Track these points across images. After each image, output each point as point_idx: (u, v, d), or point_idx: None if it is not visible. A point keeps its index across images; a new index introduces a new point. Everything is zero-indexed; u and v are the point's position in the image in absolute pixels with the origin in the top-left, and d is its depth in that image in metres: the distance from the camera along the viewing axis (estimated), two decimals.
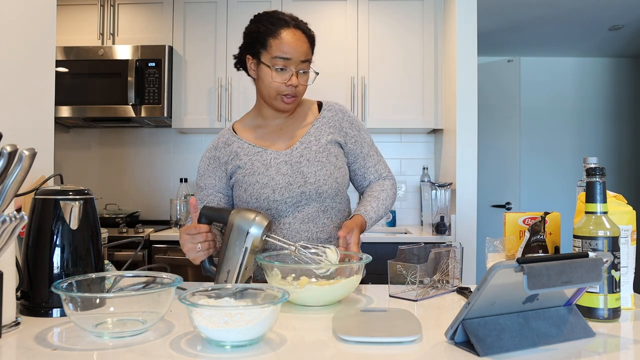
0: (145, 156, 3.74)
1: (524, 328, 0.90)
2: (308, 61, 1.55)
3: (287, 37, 1.49)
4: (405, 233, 3.29)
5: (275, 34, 1.49)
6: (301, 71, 1.53)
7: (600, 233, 1.05)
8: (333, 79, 3.34)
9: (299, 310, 1.17)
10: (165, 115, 3.24)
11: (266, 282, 1.31)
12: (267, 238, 1.25)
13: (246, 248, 1.23)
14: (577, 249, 1.07)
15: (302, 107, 1.65)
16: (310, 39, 1.57)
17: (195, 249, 1.28)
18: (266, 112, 1.60)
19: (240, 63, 1.60)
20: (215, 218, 1.31)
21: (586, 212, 1.08)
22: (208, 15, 3.38)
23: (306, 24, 1.59)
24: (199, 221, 1.30)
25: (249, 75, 1.59)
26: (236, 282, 1.24)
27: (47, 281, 1.06)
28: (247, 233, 1.23)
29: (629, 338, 0.98)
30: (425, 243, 1.48)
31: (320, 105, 1.66)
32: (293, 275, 1.23)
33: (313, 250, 1.28)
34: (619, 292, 1.06)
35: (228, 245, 1.25)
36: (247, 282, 1.27)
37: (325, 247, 1.27)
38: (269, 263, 1.22)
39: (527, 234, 1.32)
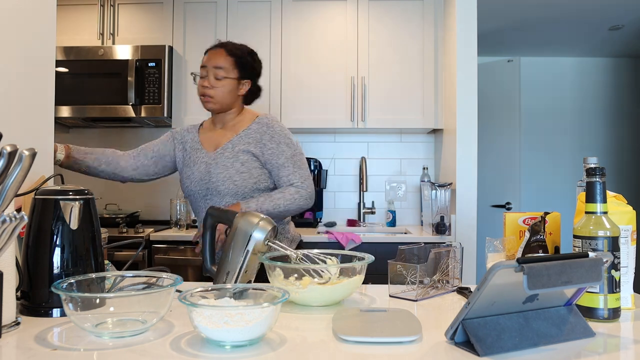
0: None
1: (524, 328, 0.90)
2: (220, 68, 1.88)
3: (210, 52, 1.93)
4: (405, 233, 3.29)
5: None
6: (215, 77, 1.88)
7: (600, 233, 1.05)
8: (333, 79, 3.34)
9: (300, 310, 1.17)
10: (165, 115, 3.24)
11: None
12: (269, 243, 1.25)
13: (247, 251, 1.24)
14: (577, 249, 1.07)
15: (241, 118, 1.96)
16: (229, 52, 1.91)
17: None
18: (213, 116, 2.00)
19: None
20: (221, 219, 1.35)
21: (586, 212, 1.08)
22: (208, 15, 3.38)
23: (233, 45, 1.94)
24: (205, 221, 1.37)
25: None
26: (239, 283, 1.25)
27: (47, 281, 1.06)
28: (250, 236, 1.24)
29: (629, 338, 0.98)
30: (425, 243, 1.49)
31: (256, 118, 1.94)
32: (295, 275, 1.23)
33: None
34: (619, 292, 1.06)
35: (230, 247, 1.25)
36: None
37: (326, 258, 1.30)
38: (272, 263, 1.22)
39: (527, 234, 1.32)
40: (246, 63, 1.92)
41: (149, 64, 3.22)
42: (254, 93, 2.01)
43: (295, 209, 1.85)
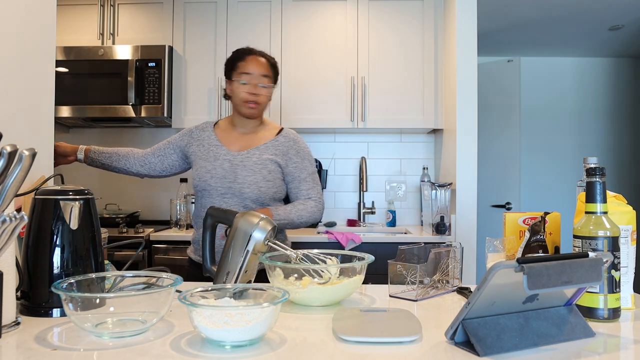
0: None
1: (524, 328, 0.90)
2: (267, 77, 1.94)
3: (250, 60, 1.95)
4: (405, 233, 3.29)
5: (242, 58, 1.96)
6: (260, 85, 1.92)
7: (600, 233, 1.05)
8: (333, 79, 3.34)
9: (300, 310, 1.17)
10: (165, 115, 3.24)
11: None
12: (269, 243, 1.25)
13: (247, 251, 1.24)
14: (577, 249, 1.07)
15: (265, 127, 2.02)
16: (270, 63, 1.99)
17: None
18: (236, 120, 2.01)
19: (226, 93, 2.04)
20: (221, 219, 1.34)
21: (586, 212, 1.08)
22: (208, 15, 3.38)
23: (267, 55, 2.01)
24: (205, 221, 1.37)
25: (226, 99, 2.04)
26: (240, 283, 1.25)
27: (47, 281, 1.06)
28: (250, 236, 1.24)
29: (629, 338, 0.98)
30: (425, 243, 1.49)
31: (281, 131, 2.01)
32: (295, 275, 1.23)
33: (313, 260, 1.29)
34: (619, 292, 1.06)
35: (230, 247, 1.25)
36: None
37: (326, 258, 1.30)
38: (272, 263, 1.22)
39: (527, 234, 1.32)
40: (277, 72, 2.02)
41: (149, 64, 3.22)
42: None
43: (312, 221, 1.96)
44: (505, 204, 4.39)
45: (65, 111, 3.23)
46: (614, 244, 1.05)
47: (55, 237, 1.07)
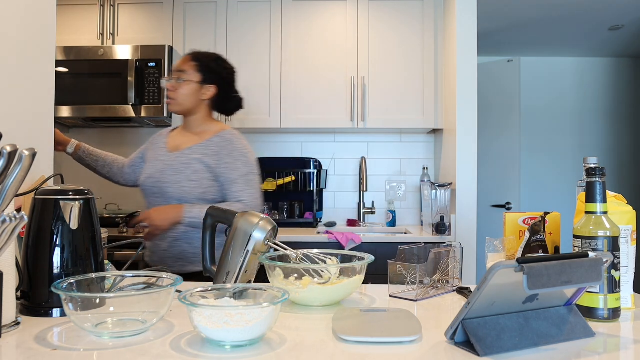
0: None
1: (524, 328, 0.90)
2: (181, 71, 1.95)
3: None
4: (405, 233, 3.29)
5: None
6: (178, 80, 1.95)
7: (600, 233, 1.04)
8: (333, 79, 3.34)
9: (300, 310, 1.17)
10: (166, 115, 3.23)
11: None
12: (269, 243, 1.25)
13: (247, 251, 1.24)
14: (577, 249, 1.07)
15: (207, 127, 2.00)
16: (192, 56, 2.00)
17: None
18: (184, 120, 2.04)
19: None
20: (221, 219, 1.35)
21: (586, 212, 1.08)
22: (208, 15, 3.38)
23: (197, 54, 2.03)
24: (205, 221, 1.38)
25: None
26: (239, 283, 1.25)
27: (47, 281, 1.06)
28: (250, 236, 1.24)
29: (629, 338, 0.98)
30: (425, 243, 1.49)
31: (221, 131, 1.98)
32: (295, 275, 1.23)
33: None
34: (619, 292, 1.06)
35: (230, 247, 1.25)
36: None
37: (326, 258, 1.30)
38: (272, 263, 1.22)
39: (527, 234, 1.32)
40: (210, 68, 1.98)
41: (149, 64, 3.21)
42: (226, 100, 2.04)
43: None
44: (505, 204, 4.39)
45: (65, 111, 3.22)
46: (614, 244, 1.05)
47: (55, 237, 1.07)
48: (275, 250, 1.29)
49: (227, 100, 2.04)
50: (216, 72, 1.99)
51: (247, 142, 1.99)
